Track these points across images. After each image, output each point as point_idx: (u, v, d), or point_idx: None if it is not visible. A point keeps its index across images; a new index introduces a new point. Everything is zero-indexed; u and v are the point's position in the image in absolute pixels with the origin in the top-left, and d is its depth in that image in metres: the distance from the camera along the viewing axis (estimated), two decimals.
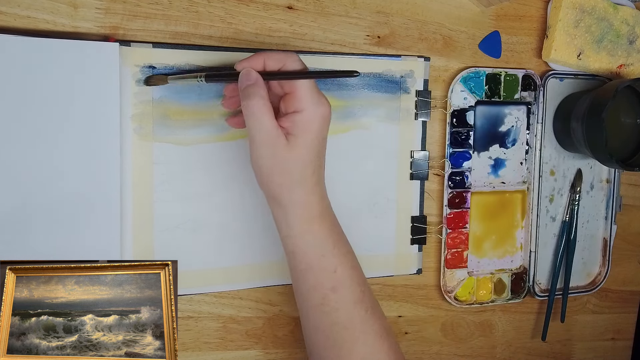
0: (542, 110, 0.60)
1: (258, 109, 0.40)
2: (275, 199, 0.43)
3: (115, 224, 0.46)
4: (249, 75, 0.42)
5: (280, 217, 0.43)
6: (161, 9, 0.47)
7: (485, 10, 0.58)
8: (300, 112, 0.41)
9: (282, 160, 0.41)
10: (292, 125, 0.41)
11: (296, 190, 0.42)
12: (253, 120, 0.40)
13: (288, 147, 0.41)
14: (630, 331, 0.71)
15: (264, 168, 0.42)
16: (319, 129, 0.42)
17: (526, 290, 0.62)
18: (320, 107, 0.42)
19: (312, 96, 0.42)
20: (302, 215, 0.43)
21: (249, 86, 0.41)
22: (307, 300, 0.45)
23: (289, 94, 0.42)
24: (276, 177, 0.42)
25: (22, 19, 0.43)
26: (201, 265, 0.50)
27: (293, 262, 0.44)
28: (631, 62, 0.62)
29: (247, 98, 0.41)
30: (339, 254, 0.44)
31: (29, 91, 0.43)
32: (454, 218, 0.58)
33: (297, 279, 0.45)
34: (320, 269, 0.44)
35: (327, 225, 0.44)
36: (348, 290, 0.44)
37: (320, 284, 0.44)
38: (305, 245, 0.43)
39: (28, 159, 0.44)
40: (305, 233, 0.43)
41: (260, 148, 0.41)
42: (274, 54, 0.42)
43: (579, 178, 0.63)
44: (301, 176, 0.42)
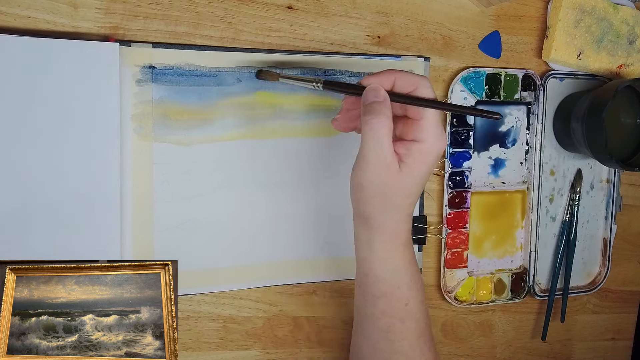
0: (542, 110, 0.60)
1: (381, 128, 0.39)
2: (367, 220, 0.42)
3: (115, 224, 0.46)
4: (377, 92, 0.40)
5: (364, 237, 0.43)
6: (161, 9, 0.47)
7: (485, 10, 0.58)
8: (420, 142, 0.40)
9: (388, 186, 0.40)
10: (407, 153, 0.40)
11: (391, 216, 0.42)
12: (372, 138, 0.39)
13: (400, 174, 0.40)
14: (630, 331, 0.71)
15: (367, 188, 0.40)
16: (432, 164, 0.41)
17: (526, 290, 0.62)
18: (440, 141, 0.41)
19: (435, 129, 0.40)
20: (388, 241, 0.42)
21: (377, 102, 0.40)
22: (372, 324, 0.44)
23: (413, 121, 0.41)
24: (376, 201, 0.41)
25: (22, 19, 0.43)
26: (201, 265, 0.50)
27: (365, 284, 0.44)
28: (631, 62, 0.62)
29: (371, 114, 0.39)
30: (414, 287, 0.44)
31: (29, 91, 0.43)
32: (454, 218, 0.58)
33: (366, 302, 0.44)
34: (394, 299, 0.43)
35: (408, 256, 0.44)
36: (416, 323, 0.44)
37: (391, 313, 0.44)
38: (383, 272, 0.43)
39: (28, 159, 0.44)
40: (386, 260, 0.43)
41: (370, 167, 0.40)
42: (407, 75, 0.41)
43: (579, 178, 0.63)
44: (400, 204, 0.41)
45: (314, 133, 0.52)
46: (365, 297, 0.44)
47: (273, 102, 0.51)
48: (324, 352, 0.56)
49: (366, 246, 0.43)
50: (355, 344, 0.47)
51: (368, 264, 0.43)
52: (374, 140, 0.39)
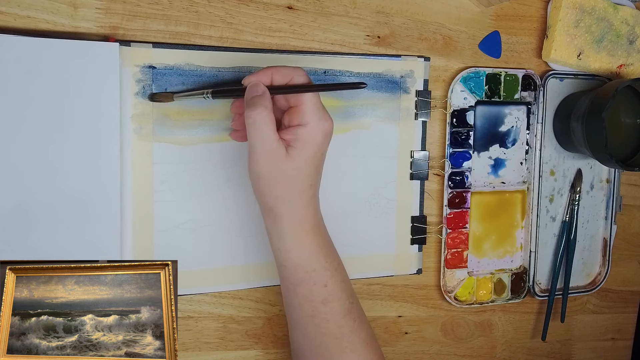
0: (542, 110, 0.60)
1: (260, 119, 0.40)
2: (271, 211, 0.43)
3: (115, 224, 0.46)
4: (256, 87, 0.42)
5: (273, 229, 0.44)
6: (161, 9, 0.47)
7: (485, 10, 0.58)
8: (304, 125, 0.42)
9: (281, 172, 0.41)
10: (294, 138, 0.42)
11: (292, 202, 0.42)
12: (254, 130, 0.40)
13: (288, 158, 0.41)
14: (630, 331, 0.71)
15: (261, 179, 0.42)
16: (320, 144, 0.42)
17: (526, 290, 0.62)
18: (324, 122, 0.42)
19: (316, 111, 0.42)
20: (295, 229, 0.43)
21: (255, 97, 0.41)
22: (297, 312, 0.45)
23: (294, 107, 0.42)
24: (273, 188, 0.42)
25: (22, 19, 0.43)
26: (201, 265, 0.50)
27: (284, 274, 0.45)
28: (631, 62, 0.62)
29: (250, 107, 0.41)
30: (330, 268, 0.45)
31: (29, 91, 0.43)
32: (454, 218, 0.58)
33: (288, 292, 0.45)
34: (312, 282, 0.44)
35: (319, 239, 0.45)
36: (338, 302, 0.45)
37: (311, 297, 0.44)
38: (297, 259, 0.44)
39: (28, 159, 0.44)
40: (297, 246, 0.44)
41: (260, 158, 0.41)
42: (282, 69, 0.43)
43: (579, 178, 0.63)
44: (298, 189, 0.42)
45: None
46: (287, 288, 0.45)
47: None
48: None
49: (276, 236, 0.44)
50: (291, 337, 0.48)
51: (283, 254, 0.44)
52: (255, 131, 0.40)
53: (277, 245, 0.44)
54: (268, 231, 0.45)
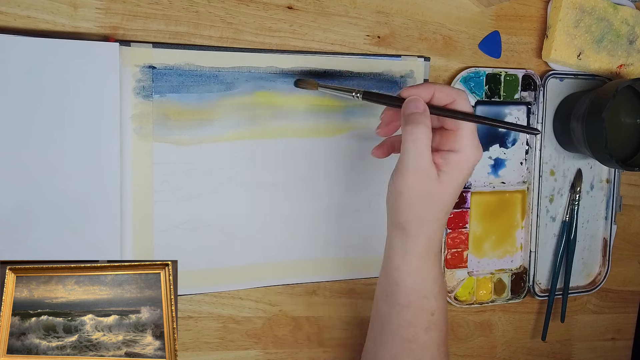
0: (542, 110, 0.60)
1: (421, 137, 0.40)
2: (403, 228, 0.42)
3: (115, 224, 0.46)
4: (417, 103, 0.41)
5: (399, 247, 0.43)
6: (161, 9, 0.47)
7: (485, 10, 0.58)
8: (457, 152, 0.41)
9: (428, 194, 0.41)
10: (445, 163, 0.41)
11: (428, 225, 0.42)
12: (413, 147, 0.40)
13: (438, 182, 0.41)
14: (630, 331, 0.71)
15: (405, 196, 0.41)
16: (468, 174, 0.42)
17: (526, 290, 0.62)
18: (477, 152, 0.42)
19: (472, 140, 0.41)
20: (422, 251, 0.43)
21: (416, 114, 0.41)
22: (394, 333, 0.44)
23: (449, 131, 0.42)
24: (414, 208, 0.41)
25: (22, 19, 0.43)
26: (201, 265, 0.50)
27: (393, 293, 0.44)
28: (631, 62, 0.62)
29: (412, 123, 0.40)
30: (440, 298, 0.44)
31: (29, 91, 0.43)
32: (454, 218, 0.58)
33: (391, 311, 0.44)
34: (420, 309, 0.43)
35: (438, 266, 0.44)
36: (439, 334, 0.44)
37: (415, 323, 0.44)
38: (414, 282, 0.43)
39: (28, 159, 0.44)
40: (418, 270, 0.43)
41: (410, 175, 0.40)
42: (446, 88, 0.42)
43: (579, 178, 0.63)
44: (437, 213, 0.42)
45: (314, 133, 0.52)
46: (391, 306, 0.44)
47: (273, 102, 0.51)
48: (324, 352, 0.56)
49: (400, 255, 0.43)
50: (372, 352, 0.47)
51: (400, 274, 0.43)
52: (414, 148, 0.40)
53: (398, 263, 0.43)
54: (391, 247, 0.44)
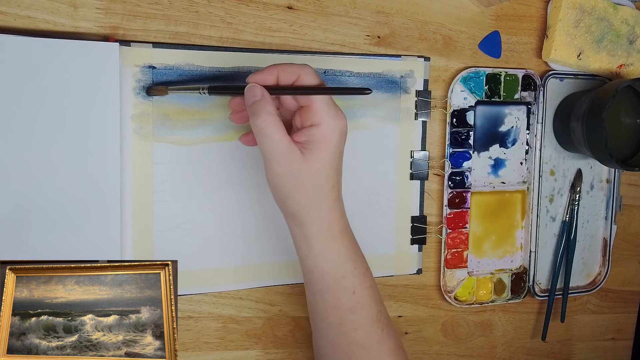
0: (542, 110, 0.60)
1: (266, 126, 0.39)
2: (294, 217, 0.42)
3: (115, 224, 0.46)
4: (253, 90, 0.40)
5: (299, 235, 0.42)
6: (161, 9, 0.47)
7: (485, 10, 0.58)
8: (317, 125, 0.40)
9: (299, 176, 0.40)
10: (309, 140, 0.40)
11: (316, 206, 0.41)
12: (263, 137, 0.39)
13: (305, 161, 0.40)
14: (630, 331, 0.71)
15: (280, 185, 0.40)
16: (337, 143, 0.41)
17: (526, 290, 0.62)
18: (338, 120, 0.41)
19: (328, 109, 0.40)
20: (323, 234, 0.42)
21: (255, 103, 0.40)
22: (324, 320, 0.44)
23: (304, 107, 0.41)
24: (294, 194, 0.40)
25: (22, 19, 0.43)
26: (201, 265, 0.50)
27: (311, 281, 0.44)
28: (631, 62, 0.62)
29: (254, 115, 0.39)
30: (358, 274, 0.43)
31: (29, 91, 0.43)
32: (454, 218, 0.58)
33: (314, 299, 0.44)
34: (340, 289, 0.43)
35: (347, 243, 0.43)
36: (366, 310, 0.44)
37: (339, 305, 0.43)
38: (326, 265, 0.42)
39: (28, 159, 0.44)
40: (325, 252, 0.42)
41: (275, 165, 0.39)
42: (288, 67, 0.41)
43: (579, 178, 0.63)
44: (320, 192, 0.41)
45: None
46: (314, 295, 0.44)
47: None
48: None
49: (303, 243, 0.42)
50: (316, 345, 0.47)
51: (311, 260, 0.43)
52: (264, 138, 0.39)
53: (305, 251, 0.43)
54: (294, 238, 0.43)
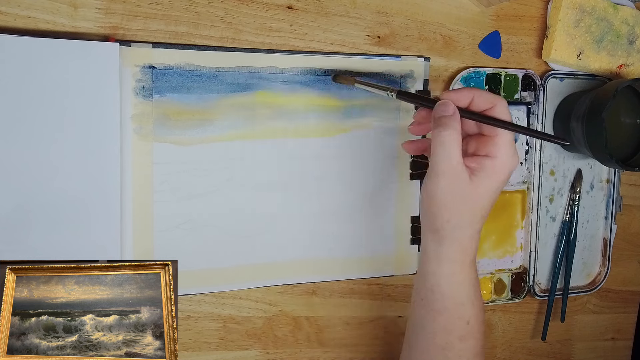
0: (542, 110, 0.60)
1: (450, 140, 0.40)
2: (437, 233, 0.42)
3: (115, 224, 0.46)
4: (447, 107, 0.41)
5: (433, 252, 0.43)
6: (161, 9, 0.47)
7: (485, 10, 0.58)
8: (493, 158, 0.41)
9: (460, 196, 0.40)
10: (479, 168, 0.41)
11: (461, 229, 0.41)
12: (441, 149, 0.40)
13: (470, 185, 0.40)
14: (630, 331, 0.71)
15: (437, 199, 0.41)
16: (503, 180, 0.42)
17: (526, 290, 0.62)
18: (513, 160, 0.41)
19: (509, 147, 0.41)
20: (456, 258, 0.42)
21: (446, 117, 0.40)
22: (429, 339, 0.44)
23: (486, 137, 0.42)
24: (446, 211, 0.41)
25: (22, 19, 0.43)
26: (201, 265, 0.50)
27: (428, 299, 0.44)
28: (631, 62, 0.62)
29: (440, 127, 0.40)
30: (477, 306, 0.44)
31: (29, 91, 0.43)
32: None
33: (426, 316, 0.44)
34: (456, 316, 0.43)
35: (474, 274, 0.44)
36: (474, 342, 0.44)
37: (450, 330, 0.43)
38: (449, 288, 0.43)
39: (28, 159, 0.44)
40: (454, 276, 0.43)
41: (441, 177, 0.40)
42: (485, 94, 0.42)
43: (579, 178, 0.63)
44: (471, 218, 0.41)
45: (314, 133, 0.52)
46: (426, 312, 0.44)
47: (273, 102, 0.51)
48: (324, 352, 0.56)
49: (435, 260, 0.43)
50: (407, 357, 0.47)
51: (435, 280, 0.43)
52: (443, 150, 0.40)
53: (433, 268, 0.43)
54: (425, 253, 0.44)
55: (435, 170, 0.40)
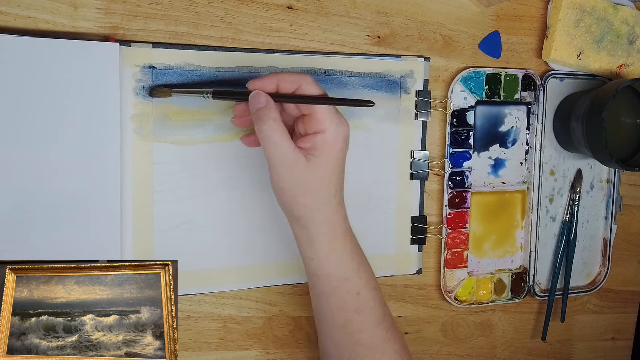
0: (542, 110, 0.60)
1: (272, 132, 0.40)
2: (299, 220, 0.42)
3: (115, 224, 0.46)
4: (258, 97, 0.41)
5: (304, 238, 0.43)
6: (161, 9, 0.47)
7: (485, 10, 0.58)
8: (322, 132, 0.41)
9: (304, 181, 0.41)
10: (313, 146, 0.41)
11: (320, 210, 0.42)
12: (268, 143, 0.40)
13: (309, 167, 0.41)
14: (630, 331, 0.71)
15: (285, 189, 0.41)
16: (340, 149, 0.42)
17: (526, 290, 0.62)
18: (341, 127, 0.42)
19: (332, 117, 0.41)
20: (327, 236, 0.43)
21: (260, 109, 0.41)
22: (330, 321, 0.45)
23: (308, 115, 0.42)
24: (299, 198, 0.41)
25: (22, 19, 0.43)
26: (201, 265, 0.50)
27: (316, 284, 0.44)
28: (631, 62, 0.62)
29: (259, 121, 0.40)
30: (362, 276, 0.44)
31: (29, 91, 0.43)
32: (454, 218, 0.58)
33: (319, 301, 0.45)
34: (345, 291, 0.44)
35: (350, 246, 0.44)
36: (371, 311, 0.44)
37: (344, 306, 0.44)
38: (330, 268, 0.43)
39: (28, 159, 0.44)
40: (329, 255, 0.43)
41: (280, 169, 0.40)
42: (288, 76, 0.42)
43: (579, 178, 0.63)
44: (324, 196, 0.42)
45: None
46: (318, 297, 0.45)
47: None
48: None
49: (308, 245, 0.43)
50: (322, 346, 0.47)
51: (315, 263, 0.43)
52: (270, 144, 0.40)
53: (309, 254, 0.43)
54: (298, 241, 0.44)
55: (271, 162, 0.41)
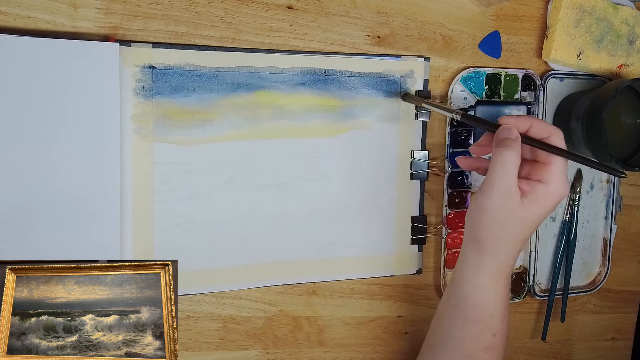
0: (542, 110, 0.60)
1: (510, 160, 0.41)
2: (480, 244, 0.44)
3: (115, 224, 0.46)
4: (511, 131, 0.43)
5: (473, 261, 0.44)
6: (161, 9, 0.47)
7: (485, 10, 0.58)
8: (545, 184, 0.42)
9: (509, 214, 0.42)
10: (531, 191, 0.42)
11: (505, 245, 0.43)
12: (501, 167, 0.42)
13: (521, 205, 0.42)
14: (630, 331, 0.71)
15: (487, 213, 0.42)
16: (552, 207, 0.43)
17: (526, 290, 0.62)
18: (563, 189, 0.43)
19: (562, 175, 0.43)
20: (495, 270, 0.44)
21: (509, 139, 0.42)
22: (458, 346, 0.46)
23: (541, 164, 0.43)
24: (495, 226, 0.43)
25: (22, 19, 0.43)
26: (201, 265, 0.50)
27: (460, 307, 0.45)
28: (631, 62, 0.62)
29: (503, 146, 0.42)
30: (504, 321, 0.46)
31: (29, 91, 0.43)
32: (454, 218, 0.58)
33: (456, 323, 0.46)
34: (485, 327, 0.45)
35: (507, 291, 0.46)
36: (497, 355, 0.46)
37: (477, 339, 0.45)
38: (484, 300, 0.45)
39: (28, 159, 0.44)
40: (489, 288, 0.44)
41: (495, 194, 0.42)
42: (543, 124, 0.44)
43: (579, 178, 0.63)
44: (516, 237, 0.43)
45: (314, 133, 0.52)
46: (456, 319, 0.46)
47: (273, 102, 0.51)
48: (324, 352, 0.56)
49: (472, 269, 0.44)
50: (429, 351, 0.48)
51: (471, 288, 0.45)
52: (502, 169, 0.42)
53: (470, 278, 0.45)
54: (464, 261, 0.45)
55: (490, 185, 0.42)
